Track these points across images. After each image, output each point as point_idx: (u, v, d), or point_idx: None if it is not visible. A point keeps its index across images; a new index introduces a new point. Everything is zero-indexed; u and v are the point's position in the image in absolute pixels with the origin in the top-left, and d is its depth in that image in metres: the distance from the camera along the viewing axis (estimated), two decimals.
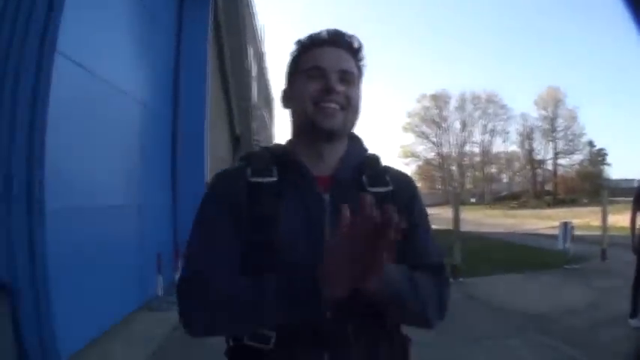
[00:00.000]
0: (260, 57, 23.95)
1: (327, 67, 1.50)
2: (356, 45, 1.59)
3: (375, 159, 1.67)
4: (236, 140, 16.98)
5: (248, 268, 1.39)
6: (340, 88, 1.49)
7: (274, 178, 1.50)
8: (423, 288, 1.45)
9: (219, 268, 1.40)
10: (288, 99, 1.62)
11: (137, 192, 7.90)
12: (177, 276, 8.23)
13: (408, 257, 1.49)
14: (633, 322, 6.82)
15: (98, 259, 6.08)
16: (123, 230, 7.33)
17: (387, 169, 1.65)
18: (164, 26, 9.83)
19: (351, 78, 1.53)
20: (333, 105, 1.48)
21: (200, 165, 10.25)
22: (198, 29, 10.74)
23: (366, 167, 1.61)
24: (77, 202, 5.77)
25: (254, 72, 20.28)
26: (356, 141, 1.67)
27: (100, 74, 6.39)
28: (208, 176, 10.39)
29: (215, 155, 12.04)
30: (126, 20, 7.70)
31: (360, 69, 1.60)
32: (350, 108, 1.52)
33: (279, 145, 1.65)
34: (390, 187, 1.58)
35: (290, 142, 1.62)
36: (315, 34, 1.57)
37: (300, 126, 1.56)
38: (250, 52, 18.28)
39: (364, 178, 1.57)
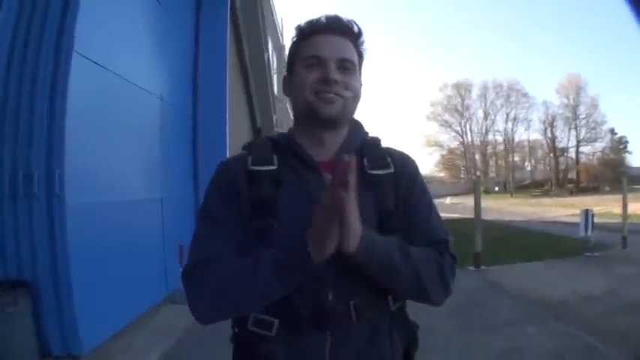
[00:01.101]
0: (280, 49, 23.94)
1: (325, 56, 1.52)
2: (355, 30, 1.60)
3: (375, 141, 1.70)
4: (257, 132, 17.01)
5: (248, 252, 1.44)
6: (339, 77, 1.52)
7: (274, 166, 1.53)
8: (417, 259, 1.48)
9: (221, 255, 1.46)
10: (289, 87, 1.64)
11: (159, 185, 7.95)
12: None
13: (411, 236, 1.55)
14: None
15: (120, 254, 6.13)
16: (145, 224, 7.39)
17: (388, 151, 1.67)
18: (182, 19, 9.84)
19: (350, 66, 1.55)
20: (331, 95, 1.51)
21: (221, 157, 10.19)
22: (216, 22, 10.73)
23: (366, 150, 1.63)
24: (98, 197, 5.81)
25: (274, 64, 20.32)
26: (357, 126, 1.70)
27: (118, 71, 6.42)
28: None
29: (236, 147, 12.06)
30: (142, 15, 7.72)
31: (360, 54, 1.62)
32: (349, 96, 1.55)
33: (281, 133, 1.69)
34: (391, 169, 1.60)
35: (291, 129, 1.67)
36: (314, 21, 1.59)
37: (301, 114, 1.59)
38: (270, 44, 18.31)
39: (365, 160, 1.59)
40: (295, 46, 1.62)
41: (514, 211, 29.92)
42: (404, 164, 1.66)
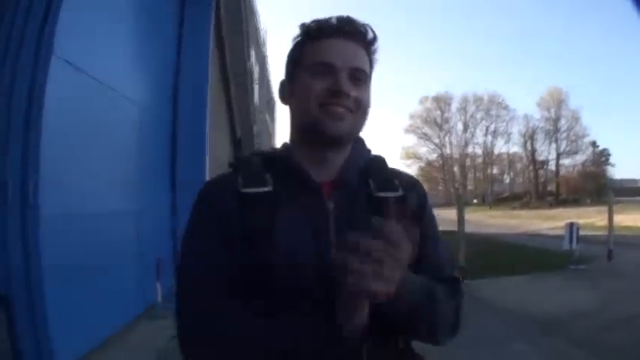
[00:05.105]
0: (262, 60, 23.85)
1: (336, 64, 1.30)
2: (370, 36, 1.38)
3: (380, 161, 1.49)
4: (237, 143, 16.81)
5: (242, 290, 1.24)
6: (351, 90, 1.30)
7: (269, 188, 1.31)
8: (441, 303, 1.31)
9: (222, 307, 1.24)
10: (288, 95, 1.42)
11: (136, 196, 7.76)
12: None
13: (418, 271, 1.32)
14: None
15: (96, 267, 5.93)
16: (121, 236, 7.18)
17: (395, 173, 1.48)
18: (165, 27, 9.70)
19: (363, 77, 1.35)
20: (341, 109, 1.30)
21: (200, 168, 10.05)
22: (199, 30, 10.55)
23: (371, 170, 1.43)
24: (74, 208, 5.63)
25: (256, 74, 20.19)
26: (359, 142, 1.48)
27: (97, 76, 6.26)
28: (209, 179, 10.25)
29: (216, 158, 11.90)
30: (125, 21, 7.56)
31: (371, 64, 1.40)
32: (359, 111, 1.34)
33: (274, 150, 1.46)
34: (401, 192, 1.40)
35: (287, 145, 1.44)
36: (324, 22, 1.36)
37: (302, 128, 1.37)
38: (252, 54, 18.19)
39: (371, 182, 1.39)
40: (299, 48, 1.39)
41: (494, 224, 30.07)
42: (412, 188, 1.46)
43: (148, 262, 7.48)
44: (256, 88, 19.58)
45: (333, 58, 1.31)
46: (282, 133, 38.73)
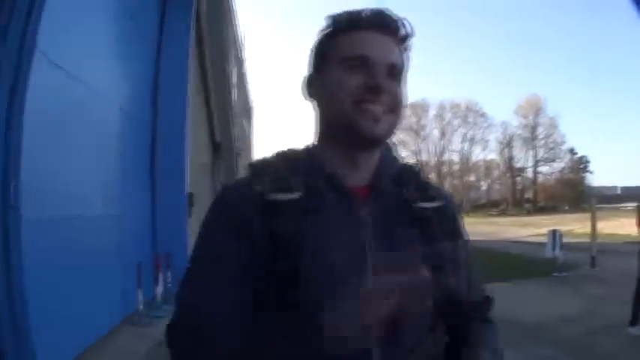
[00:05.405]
0: (240, 64, 23.67)
1: (375, 57, 1.17)
2: (406, 31, 1.25)
3: (414, 169, 1.36)
4: (216, 147, 16.64)
5: (269, 306, 1.10)
6: (389, 86, 1.17)
7: (297, 194, 1.16)
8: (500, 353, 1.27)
9: (229, 319, 1.10)
10: (315, 89, 1.28)
11: (116, 201, 7.63)
12: (158, 289, 8.02)
13: (451, 290, 1.24)
14: (634, 330, 6.67)
15: (76, 272, 5.79)
16: (102, 241, 7.01)
17: (428, 183, 1.36)
18: (145, 29, 9.58)
19: (399, 74, 1.22)
20: (378, 107, 1.16)
21: (180, 171, 9.93)
22: (180, 33, 10.43)
23: (405, 179, 1.30)
24: (54, 211, 5.49)
25: (234, 78, 20.02)
26: (388, 147, 1.35)
27: (79, 76, 6.14)
28: (189, 183, 10.12)
29: (196, 161, 11.75)
30: (107, 22, 7.47)
31: (405, 61, 1.27)
32: (396, 111, 1.21)
33: (299, 152, 1.30)
34: (439, 203, 1.29)
35: (314, 146, 1.30)
36: (357, 13, 1.22)
37: (333, 128, 1.24)
38: (231, 58, 18.05)
39: (405, 191, 1.26)
40: (329, 41, 1.25)
41: (472, 231, 29.76)
42: (448, 200, 1.35)
43: (128, 268, 7.36)
44: (235, 92, 19.42)
45: (369, 52, 1.18)
46: (259, 138, 38.68)
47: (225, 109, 16.86)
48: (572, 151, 70.30)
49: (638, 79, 77.59)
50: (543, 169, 72.47)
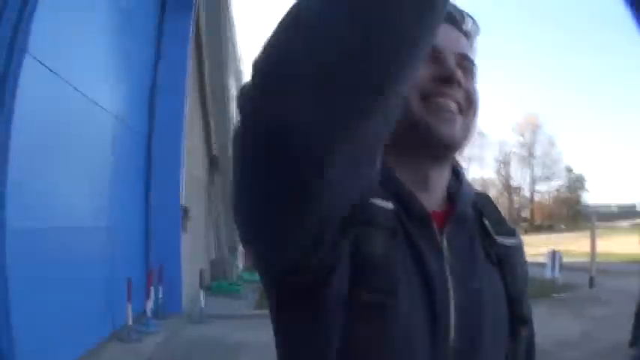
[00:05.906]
0: (239, 76, 23.58)
1: (444, 47, 0.97)
2: (473, 26, 1.06)
3: (488, 197, 1.13)
4: (212, 160, 16.46)
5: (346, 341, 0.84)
6: (462, 79, 0.96)
7: (391, 205, 0.93)
8: None
9: None
10: None
11: (108, 212, 7.50)
12: (148, 305, 7.82)
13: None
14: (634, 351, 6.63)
15: (63, 285, 5.70)
16: (90, 254, 6.88)
17: (503, 214, 1.13)
18: (144, 39, 9.55)
19: (471, 67, 1.01)
20: (451, 103, 0.95)
21: (175, 185, 9.80)
22: (178, 43, 10.40)
23: (482, 207, 1.07)
24: (42, 222, 5.40)
25: (233, 91, 19.91)
26: (459, 165, 1.13)
27: (74, 83, 6.06)
28: (184, 196, 9.97)
29: (191, 174, 11.60)
30: (105, 30, 7.41)
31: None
32: (471, 111, 1.00)
33: None
34: (519, 240, 1.09)
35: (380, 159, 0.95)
36: None
37: (398, 132, 0.85)
38: (230, 70, 17.95)
39: (486, 221, 1.05)
40: None
41: None
42: (520, 239, 1.12)
43: (118, 282, 7.24)
44: (233, 104, 19.32)
45: (438, 40, 0.94)
46: None
47: (223, 121, 16.73)
48: (569, 170, 70.49)
49: (636, 97, 77.69)
50: (541, 187, 72.62)
